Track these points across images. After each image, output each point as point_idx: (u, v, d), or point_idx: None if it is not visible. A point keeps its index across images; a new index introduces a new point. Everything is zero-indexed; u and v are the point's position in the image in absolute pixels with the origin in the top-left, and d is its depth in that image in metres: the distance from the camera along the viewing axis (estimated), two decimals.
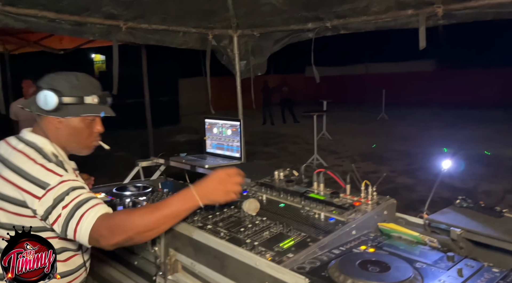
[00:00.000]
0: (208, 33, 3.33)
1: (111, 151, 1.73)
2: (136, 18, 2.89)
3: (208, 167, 2.46)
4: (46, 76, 1.53)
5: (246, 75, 3.50)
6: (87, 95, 1.53)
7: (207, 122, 2.88)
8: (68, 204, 1.32)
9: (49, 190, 1.33)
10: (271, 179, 2.08)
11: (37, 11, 2.50)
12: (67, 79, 1.52)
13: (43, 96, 1.46)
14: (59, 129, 1.53)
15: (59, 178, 1.36)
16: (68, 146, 1.56)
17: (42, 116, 1.52)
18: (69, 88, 1.50)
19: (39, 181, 1.34)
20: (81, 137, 1.56)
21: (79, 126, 1.55)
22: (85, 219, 1.31)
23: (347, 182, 1.81)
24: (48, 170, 1.37)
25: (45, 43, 5.74)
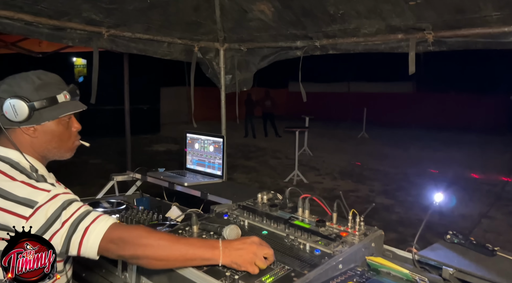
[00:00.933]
0: (194, 45, 3.24)
1: (86, 159, 1.59)
2: (118, 26, 2.78)
3: (188, 185, 2.35)
4: (1, 83, 1.35)
5: (231, 89, 3.42)
6: (58, 94, 1.39)
7: (189, 137, 2.77)
8: (68, 218, 1.22)
9: (38, 208, 1.20)
10: (254, 202, 1.97)
11: (12, 13, 2.36)
12: (28, 80, 1.36)
13: (11, 107, 1.30)
14: (36, 138, 1.39)
15: (47, 194, 1.23)
16: (48, 153, 1.43)
17: (11, 128, 1.37)
18: (34, 90, 1.35)
19: (24, 200, 1.21)
20: (61, 140, 1.44)
21: (57, 129, 1.41)
22: (94, 228, 1.22)
23: (334, 210, 1.73)
24: (32, 187, 1.24)
25: (23, 45, 5.53)
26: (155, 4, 2.67)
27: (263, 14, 2.78)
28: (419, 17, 2.18)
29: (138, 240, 1.23)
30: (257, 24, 2.95)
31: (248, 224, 1.75)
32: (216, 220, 1.79)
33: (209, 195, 2.22)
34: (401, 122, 19.01)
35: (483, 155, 11.37)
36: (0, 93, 1.34)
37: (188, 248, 1.27)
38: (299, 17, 2.66)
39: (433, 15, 2.11)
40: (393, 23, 2.32)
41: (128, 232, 1.26)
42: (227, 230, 1.56)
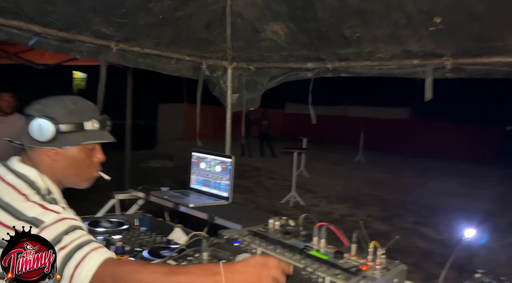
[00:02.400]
0: (202, 63, 3.19)
1: None
2: (128, 40, 2.72)
3: (193, 207, 2.25)
4: (37, 103, 1.35)
5: (237, 108, 3.36)
6: (86, 121, 1.38)
7: (195, 155, 2.68)
8: (67, 245, 1.16)
9: (43, 228, 1.17)
10: (265, 228, 1.88)
11: (22, 23, 2.30)
12: (62, 104, 1.36)
13: (37, 126, 1.29)
14: (56, 161, 1.36)
15: (55, 215, 1.20)
16: (65, 179, 1.40)
17: (34, 147, 1.33)
18: (65, 114, 1.34)
19: (32, 219, 1.18)
20: (81, 168, 1.41)
21: (78, 156, 1.39)
22: (88, 261, 1.15)
23: (353, 240, 1.64)
24: (43, 208, 1.21)
25: (26, 56, 5.46)
26: (167, 20, 2.62)
27: (275, 35, 2.75)
28: (438, 43, 2.15)
29: (131, 275, 1.14)
30: (268, 44, 2.92)
31: (261, 252, 1.65)
32: (227, 246, 1.69)
33: (216, 218, 2.12)
34: (397, 147, 19.06)
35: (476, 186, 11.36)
36: (32, 111, 1.34)
37: (187, 278, 1.15)
38: (313, 39, 2.62)
39: (453, 42, 2.08)
40: (410, 48, 2.29)
41: (120, 268, 1.17)
42: (240, 259, 1.46)
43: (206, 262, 1.54)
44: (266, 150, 15.04)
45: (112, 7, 2.38)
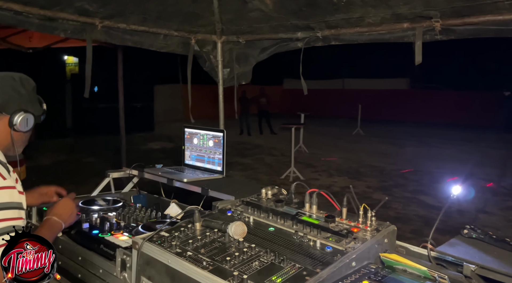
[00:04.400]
0: (190, 37, 3.13)
1: (79, 158, 1.58)
2: (113, 17, 2.66)
3: (187, 181, 2.25)
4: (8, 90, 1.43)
5: (229, 83, 3.32)
6: (43, 106, 1.59)
7: (187, 131, 2.67)
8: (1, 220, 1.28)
9: None
10: (258, 197, 1.88)
11: (1, 2, 2.24)
12: (29, 91, 1.49)
13: (24, 121, 1.44)
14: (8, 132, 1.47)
15: (1, 180, 1.32)
16: (11, 148, 1.53)
17: None
18: (35, 103, 1.51)
19: None
20: (26, 138, 1.60)
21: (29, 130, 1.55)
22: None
23: (344, 204, 1.65)
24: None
25: (13, 40, 5.37)
26: None
27: (263, 5, 2.68)
28: (427, 4, 2.10)
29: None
30: (257, 15, 2.85)
31: (253, 220, 1.66)
32: (220, 216, 1.71)
33: (210, 191, 2.13)
34: (396, 119, 19.02)
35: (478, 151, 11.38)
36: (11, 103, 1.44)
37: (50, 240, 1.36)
38: (301, 6, 2.56)
39: (442, 2, 2.03)
40: (399, 11, 2.23)
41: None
42: (233, 227, 1.47)
43: (199, 232, 1.55)
44: (265, 127, 15.02)
45: None
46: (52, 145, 11.02)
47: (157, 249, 1.43)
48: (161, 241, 1.47)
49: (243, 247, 1.41)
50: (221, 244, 1.46)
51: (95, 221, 1.99)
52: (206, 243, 1.46)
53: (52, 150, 10.47)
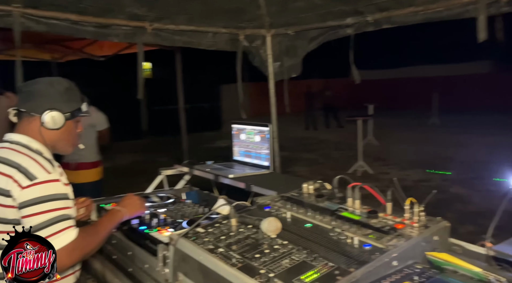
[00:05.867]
0: (239, 34, 3.13)
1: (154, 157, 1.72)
2: (161, 19, 2.75)
3: (233, 177, 2.24)
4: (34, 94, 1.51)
5: (280, 77, 3.27)
6: (81, 104, 1.61)
7: (235, 127, 2.67)
8: (52, 210, 1.35)
9: (35, 184, 1.35)
10: (299, 192, 1.82)
11: (59, 14, 2.42)
12: (61, 91, 1.54)
13: (51, 118, 1.49)
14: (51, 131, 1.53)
15: (46, 174, 1.38)
16: (56, 145, 1.58)
17: (30, 117, 1.51)
18: (67, 102, 1.55)
19: (27, 171, 1.36)
20: (71, 136, 1.62)
21: (71, 127, 1.60)
22: (55, 238, 1.33)
23: (388, 198, 1.52)
24: (37, 162, 1.39)
25: (87, 50, 5.82)
26: None
27: None
28: None
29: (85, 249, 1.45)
30: (303, 4, 2.77)
31: (290, 216, 1.60)
32: (257, 212, 1.67)
33: (253, 187, 2.10)
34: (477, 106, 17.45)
35: None
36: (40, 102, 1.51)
37: (106, 226, 1.60)
38: None
39: None
40: None
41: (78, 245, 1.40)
42: (265, 223, 1.43)
43: (234, 228, 1.53)
44: (332, 121, 14.68)
45: None
46: (129, 147, 11.79)
47: (190, 246, 1.43)
48: (195, 238, 1.47)
49: (275, 244, 1.36)
50: (254, 241, 1.42)
51: (145, 217, 2.06)
52: (239, 240, 1.43)
53: (129, 151, 11.20)
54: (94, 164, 4.29)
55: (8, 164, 1.38)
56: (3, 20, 2.28)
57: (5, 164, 1.38)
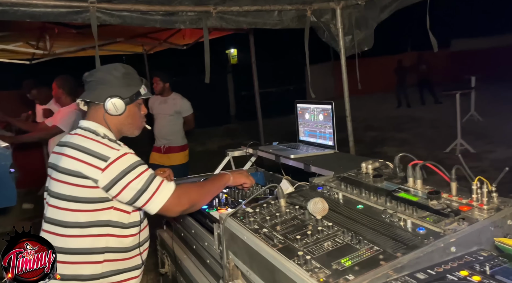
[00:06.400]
0: (306, 9, 3.01)
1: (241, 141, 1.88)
2: (225, 1, 2.75)
3: (293, 158, 2.19)
4: (96, 83, 1.60)
5: (351, 51, 3.08)
6: (140, 87, 1.66)
7: (299, 107, 2.60)
8: (136, 177, 1.47)
9: (111, 163, 1.45)
10: (357, 172, 1.70)
11: (130, 6, 2.55)
12: (118, 77, 1.61)
13: (112, 105, 1.57)
14: (115, 117, 1.62)
15: (116, 152, 1.48)
16: (123, 129, 1.67)
17: (96, 106, 1.61)
18: (126, 87, 1.61)
19: (99, 154, 1.46)
20: (135, 119, 1.68)
21: (133, 110, 1.66)
22: (160, 192, 1.49)
23: (453, 177, 1.34)
24: (105, 145, 1.49)
25: (171, 40, 6.13)
26: None
27: None
28: None
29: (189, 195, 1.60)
30: None
31: (342, 196, 1.51)
32: (309, 193, 1.61)
33: (312, 167, 2.03)
34: None
35: None
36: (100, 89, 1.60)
37: (212, 182, 1.78)
38: None
39: None
40: None
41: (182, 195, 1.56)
42: (311, 204, 1.37)
43: (283, 209, 1.50)
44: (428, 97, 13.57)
45: None
46: (219, 131, 12.32)
47: (237, 225, 1.43)
48: (243, 217, 1.47)
49: (320, 226, 1.30)
50: (299, 222, 1.37)
51: None
52: (285, 220, 1.40)
53: (219, 136, 11.69)
54: (182, 148, 4.57)
55: (79, 150, 1.49)
56: (81, 16, 2.48)
57: (76, 149, 1.49)
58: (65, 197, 1.48)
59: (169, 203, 1.50)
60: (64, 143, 1.56)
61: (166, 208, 1.51)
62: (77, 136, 1.56)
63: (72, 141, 1.54)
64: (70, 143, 1.53)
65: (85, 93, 1.64)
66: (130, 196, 1.46)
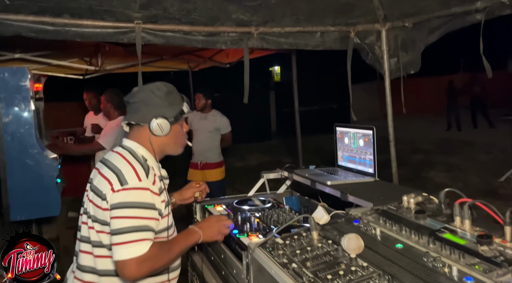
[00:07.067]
0: (349, 31, 2.93)
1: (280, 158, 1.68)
2: (267, 22, 2.74)
3: (331, 185, 2.09)
4: (139, 104, 1.58)
5: (396, 74, 2.96)
6: (182, 105, 1.64)
7: (338, 130, 2.50)
8: (135, 217, 1.40)
9: (125, 189, 1.41)
10: (398, 206, 1.59)
11: (173, 26, 2.61)
12: (162, 97, 1.58)
13: (158, 126, 1.55)
14: (160, 137, 1.60)
15: (137, 181, 1.44)
16: (166, 148, 1.65)
17: (140, 127, 1.60)
18: (169, 106, 1.59)
19: (122, 176, 1.44)
20: (179, 137, 1.66)
21: (177, 129, 1.64)
22: (131, 246, 1.37)
23: (508, 221, 1.21)
24: (133, 170, 1.46)
25: (215, 58, 6.24)
26: None
27: None
28: None
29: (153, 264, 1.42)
30: None
31: (380, 232, 1.40)
32: (344, 226, 1.51)
33: (349, 196, 1.92)
34: None
35: None
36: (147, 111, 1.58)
37: (180, 245, 1.55)
38: None
39: None
40: None
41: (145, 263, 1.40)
42: (346, 240, 1.28)
43: (315, 242, 1.41)
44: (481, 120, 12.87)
45: None
46: (259, 147, 12.31)
47: (265, 257, 1.37)
48: (272, 248, 1.40)
49: (354, 265, 1.20)
50: (331, 259, 1.28)
51: (241, 220, 2.07)
52: (316, 256, 1.31)
53: (259, 152, 11.68)
54: (218, 164, 4.59)
55: (111, 169, 1.48)
56: (127, 36, 2.55)
57: (109, 168, 1.49)
58: (90, 216, 1.48)
59: (128, 263, 1.36)
60: (103, 161, 1.58)
61: (122, 266, 1.37)
62: (115, 154, 1.56)
63: (109, 159, 1.55)
64: (108, 161, 1.54)
65: (128, 115, 1.62)
66: (116, 227, 1.38)
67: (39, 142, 3.08)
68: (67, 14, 2.35)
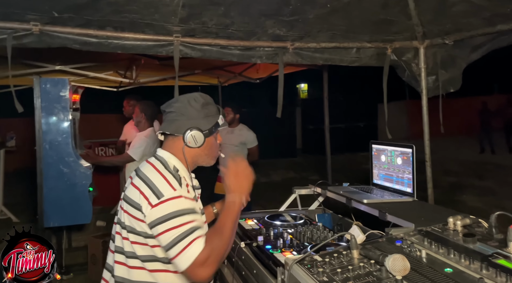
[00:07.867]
0: (386, 47, 2.90)
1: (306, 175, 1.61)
2: (303, 38, 2.74)
3: (367, 203, 2.03)
4: (175, 114, 1.57)
5: (434, 92, 2.89)
6: (217, 117, 1.62)
7: (374, 148, 2.44)
8: (179, 226, 1.37)
9: (162, 201, 1.39)
10: (443, 228, 1.51)
11: (210, 40, 2.64)
12: (198, 108, 1.57)
13: (192, 138, 1.54)
14: (193, 149, 1.58)
15: (172, 192, 1.42)
16: (199, 159, 1.63)
17: (174, 137, 1.59)
18: (205, 118, 1.58)
19: (157, 189, 1.42)
20: (212, 149, 1.65)
21: (211, 141, 1.63)
22: (186, 252, 1.34)
23: None
24: (166, 181, 1.45)
25: (246, 73, 6.30)
26: (336, 8, 2.51)
27: None
28: None
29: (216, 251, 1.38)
30: (463, 8, 2.40)
31: (426, 255, 1.33)
32: (386, 246, 1.45)
33: (388, 216, 1.85)
34: None
35: None
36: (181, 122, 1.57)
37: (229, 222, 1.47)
38: None
39: None
40: None
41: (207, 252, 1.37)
42: (390, 261, 1.22)
43: (356, 261, 1.36)
44: None
45: (279, 8, 2.44)
46: (283, 164, 12.24)
47: (304, 274, 1.32)
48: (311, 265, 1.35)
49: None
50: (375, 279, 1.22)
51: (273, 236, 2.03)
52: (358, 275, 1.25)
53: (283, 168, 11.60)
54: None
55: (143, 180, 1.47)
56: (166, 49, 2.60)
57: (141, 179, 1.48)
58: (124, 226, 1.47)
59: (193, 268, 1.33)
60: (137, 170, 1.57)
61: (190, 274, 1.35)
62: (147, 164, 1.55)
63: (141, 170, 1.54)
64: (140, 171, 1.53)
65: (164, 125, 1.62)
66: (167, 242, 1.36)
67: (75, 151, 3.15)
68: (110, 27, 2.41)
